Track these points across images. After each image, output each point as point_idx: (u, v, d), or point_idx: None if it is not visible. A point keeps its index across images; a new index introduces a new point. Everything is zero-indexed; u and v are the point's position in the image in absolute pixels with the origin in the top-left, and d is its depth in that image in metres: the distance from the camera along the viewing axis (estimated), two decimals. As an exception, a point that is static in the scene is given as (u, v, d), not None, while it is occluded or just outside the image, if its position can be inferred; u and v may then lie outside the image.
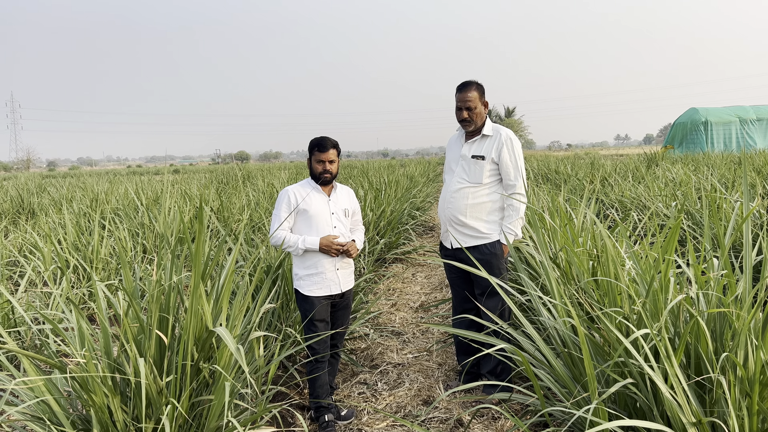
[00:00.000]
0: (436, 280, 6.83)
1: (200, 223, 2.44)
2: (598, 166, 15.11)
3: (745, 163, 2.59)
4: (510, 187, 3.57)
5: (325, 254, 3.28)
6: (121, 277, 5.46)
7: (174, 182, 14.29)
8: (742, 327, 2.16)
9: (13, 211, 11.06)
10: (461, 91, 3.56)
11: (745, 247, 2.55)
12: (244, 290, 2.90)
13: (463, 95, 3.53)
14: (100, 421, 2.31)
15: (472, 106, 3.51)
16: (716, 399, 2.19)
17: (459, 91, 3.57)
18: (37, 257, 5.69)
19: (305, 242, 3.23)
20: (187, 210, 8.28)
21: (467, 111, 3.52)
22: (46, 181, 22.57)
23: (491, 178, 3.58)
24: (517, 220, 3.56)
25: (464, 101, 3.52)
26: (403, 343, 4.71)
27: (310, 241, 3.23)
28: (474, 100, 3.51)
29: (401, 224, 8.93)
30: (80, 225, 7.39)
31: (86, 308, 5.16)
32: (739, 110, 28.12)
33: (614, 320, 2.62)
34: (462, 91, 3.55)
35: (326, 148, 3.31)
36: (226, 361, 2.56)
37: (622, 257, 3.22)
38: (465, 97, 3.52)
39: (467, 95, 3.52)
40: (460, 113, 3.55)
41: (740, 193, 6.36)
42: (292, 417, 3.39)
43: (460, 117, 3.57)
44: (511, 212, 3.56)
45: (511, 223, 3.55)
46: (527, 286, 3.16)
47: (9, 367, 2.56)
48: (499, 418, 3.32)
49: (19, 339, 4.16)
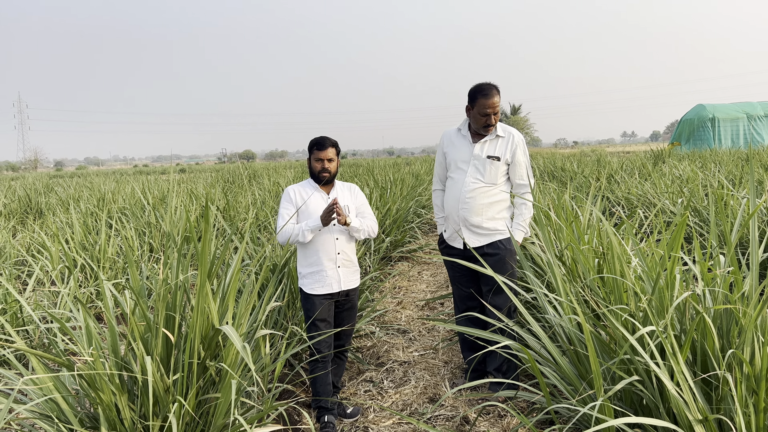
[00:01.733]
0: (442, 278, 6.83)
1: (206, 222, 2.45)
2: (605, 163, 15.06)
3: (752, 159, 2.58)
4: (522, 186, 3.65)
5: (326, 251, 3.28)
6: (128, 276, 5.48)
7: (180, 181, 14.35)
8: (748, 324, 2.15)
9: (21, 210, 11.13)
10: (489, 97, 3.49)
11: (751, 243, 2.54)
12: (250, 288, 2.91)
13: (492, 101, 3.48)
14: (108, 419, 2.32)
15: (498, 111, 3.54)
16: (723, 396, 2.18)
17: (485, 97, 3.49)
18: (45, 256, 5.73)
19: (308, 224, 3.22)
20: (193, 209, 8.31)
21: (494, 116, 3.52)
22: (54, 180, 22.69)
23: (503, 177, 3.65)
24: (528, 218, 3.68)
25: (494, 107, 3.49)
26: (408, 341, 4.71)
27: (312, 222, 3.22)
28: (499, 104, 3.54)
29: (407, 222, 8.93)
30: (87, 224, 7.44)
31: (94, 307, 5.19)
32: (747, 106, 27.94)
33: (620, 317, 2.61)
34: (490, 97, 3.49)
35: (324, 147, 3.33)
36: (232, 359, 2.58)
37: (628, 254, 3.21)
38: (494, 103, 3.49)
39: (495, 101, 3.49)
40: (488, 119, 3.51)
41: (747, 190, 6.32)
42: (298, 415, 3.40)
43: (487, 123, 3.52)
44: (524, 210, 3.67)
45: (523, 220, 3.66)
46: (533, 283, 3.16)
47: (18, 365, 2.58)
48: (506, 415, 3.32)
49: (28, 338, 4.19)
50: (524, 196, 3.62)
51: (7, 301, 4.21)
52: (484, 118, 3.52)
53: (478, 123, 3.56)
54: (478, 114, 3.53)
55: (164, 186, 12.39)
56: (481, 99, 3.50)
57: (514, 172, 3.64)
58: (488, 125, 3.54)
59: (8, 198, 12.21)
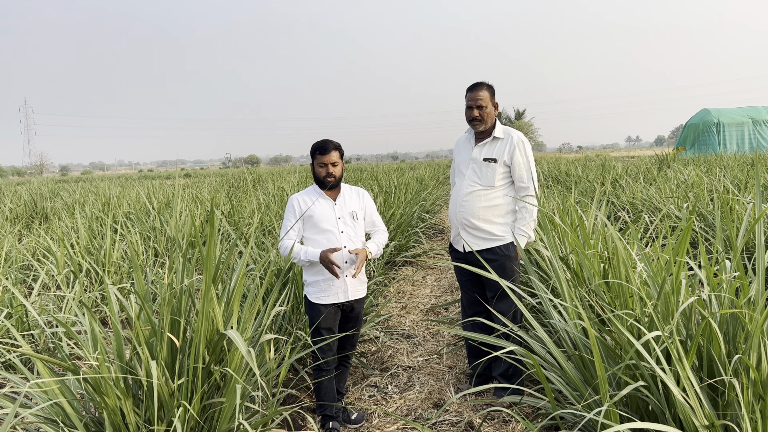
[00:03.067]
0: (447, 283, 6.82)
1: (211, 227, 2.46)
2: (609, 167, 15.03)
3: (758, 163, 2.57)
4: (522, 189, 3.58)
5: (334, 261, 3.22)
6: (133, 281, 5.50)
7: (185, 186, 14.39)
8: (755, 329, 2.14)
9: (27, 215, 11.17)
10: (472, 91, 3.57)
11: (757, 248, 2.53)
12: (255, 293, 2.91)
13: (474, 94, 3.55)
14: (113, 423, 2.33)
15: (482, 105, 3.53)
16: (729, 402, 2.17)
17: (470, 91, 3.59)
18: (51, 261, 5.75)
19: (307, 254, 3.18)
20: (198, 214, 8.33)
21: (478, 110, 3.53)
22: (59, 185, 22.78)
23: (503, 180, 3.59)
24: (530, 222, 3.58)
25: (475, 100, 3.53)
26: (413, 346, 4.71)
27: (311, 254, 3.18)
28: (485, 99, 3.53)
29: (411, 227, 8.93)
30: (93, 229, 7.46)
31: (99, 311, 5.20)
32: (752, 111, 27.85)
33: (625, 322, 2.60)
34: (473, 91, 3.57)
35: (328, 150, 3.26)
36: (237, 363, 2.58)
37: (633, 259, 3.20)
38: (476, 96, 3.54)
39: (478, 94, 3.54)
40: (471, 112, 3.56)
41: (753, 195, 6.30)
42: (302, 420, 3.40)
43: (470, 116, 3.58)
44: (525, 214, 3.58)
45: (524, 225, 3.56)
46: (538, 288, 3.15)
47: (23, 369, 2.59)
48: (510, 421, 3.30)
49: (33, 342, 4.20)
50: (525, 199, 3.56)
51: (13, 305, 4.23)
52: (468, 111, 3.59)
53: (466, 118, 3.63)
54: (466, 108, 3.60)
55: (169, 191, 12.43)
56: (467, 93, 3.60)
57: (514, 174, 3.58)
58: (473, 119, 3.57)
59: (14, 203, 12.26)
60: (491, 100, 3.57)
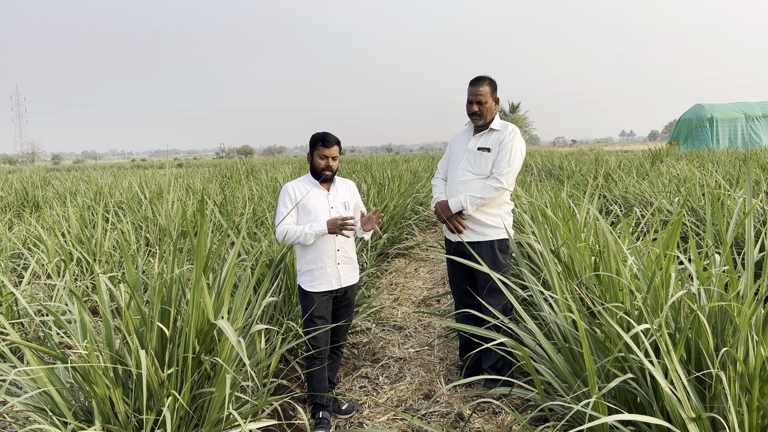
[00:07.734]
0: (439, 275, 6.83)
1: (202, 216, 2.45)
2: (602, 162, 15.08)
3: (749, 159, 2.58)
4: (497, 173, 3.51)
5: (326, 249, 3.25)
6: (124, 270, 5.48)
7: (178, 176, 14.31)
8: (743, 322, 2.16)
9: (18, 203, 11.10)
10: (474, 85, 3.58)
11: (747, 243, 2.55)
12: (246, 283, 2.91)
13: (475, 89, 3.56)
14: (102, 412, 2.32)
15: (483, 101, 3.54)
16: (716, 394, 2.19)
17: (472, 85, 3.60)
18: (41, 250, 5.71)
19: (312, 228, 3.16)
20: (190, 203, 8.29)
21: (478, 105, 3.55)
22: (51, 174, 22.62)
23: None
24: (479, 199, 3.49)
25: (476, 95, 3.55)
26: (404, 338, 4.72)
27: (318, 226, 3.16)
28: (485, 94, 3.54)
29: (404, 219, 8.93)
30: (84, 218, 7.42)
31: (89, 300, 5.18)
32: (745, 107, 27.96)
33: (615, 315, 2.62)
34: (474, 85, 3.58)
35: (330, 144, 3.26)
36: (227, 353, 2.57)
37: (624, 253, 3.21)
38: (477, 90, 3.55)
39: (479, 89, 3.55)
40: (471, 106, 3.58)
41: (744, 190, 6.33)
42: (293, 410, 3.40)
43: (470, 110, 3.60)
44: (480, 187, 3.51)
45: (475, 192, 3.50)
46: (528, 281, 3.16)
47: (12, 358, 2.58)
48: (500, 412, 3.32)
49: (22, 330, 4.18)
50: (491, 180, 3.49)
51: (3, 293, 4.20)
52: (468, 106, 3.61)
53: (467, 111, 3.65)
54: (467, 102, 3.62)
55: (161, 180, 12.37)
56: (469, 87, 3.62)
57: (498, 159, 3.52)
58: (472, 113, 3.59)
59: (5, 191, 12.17)
60: (492, 95, 3.58)
